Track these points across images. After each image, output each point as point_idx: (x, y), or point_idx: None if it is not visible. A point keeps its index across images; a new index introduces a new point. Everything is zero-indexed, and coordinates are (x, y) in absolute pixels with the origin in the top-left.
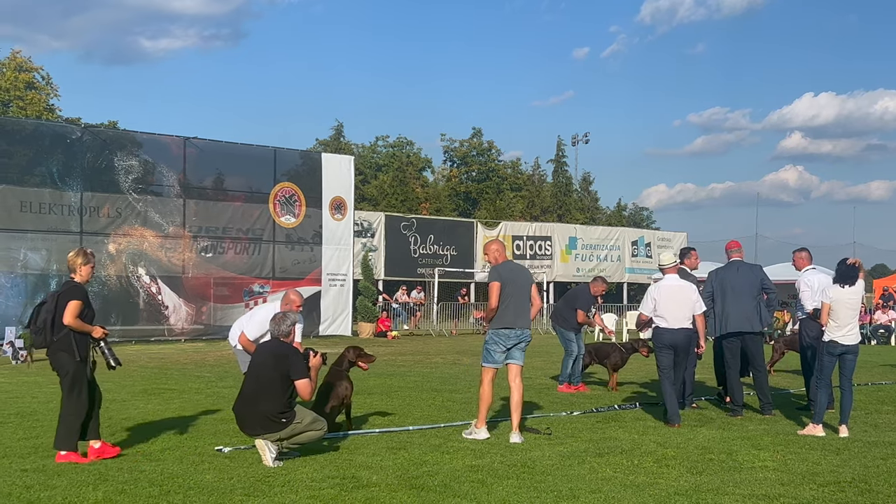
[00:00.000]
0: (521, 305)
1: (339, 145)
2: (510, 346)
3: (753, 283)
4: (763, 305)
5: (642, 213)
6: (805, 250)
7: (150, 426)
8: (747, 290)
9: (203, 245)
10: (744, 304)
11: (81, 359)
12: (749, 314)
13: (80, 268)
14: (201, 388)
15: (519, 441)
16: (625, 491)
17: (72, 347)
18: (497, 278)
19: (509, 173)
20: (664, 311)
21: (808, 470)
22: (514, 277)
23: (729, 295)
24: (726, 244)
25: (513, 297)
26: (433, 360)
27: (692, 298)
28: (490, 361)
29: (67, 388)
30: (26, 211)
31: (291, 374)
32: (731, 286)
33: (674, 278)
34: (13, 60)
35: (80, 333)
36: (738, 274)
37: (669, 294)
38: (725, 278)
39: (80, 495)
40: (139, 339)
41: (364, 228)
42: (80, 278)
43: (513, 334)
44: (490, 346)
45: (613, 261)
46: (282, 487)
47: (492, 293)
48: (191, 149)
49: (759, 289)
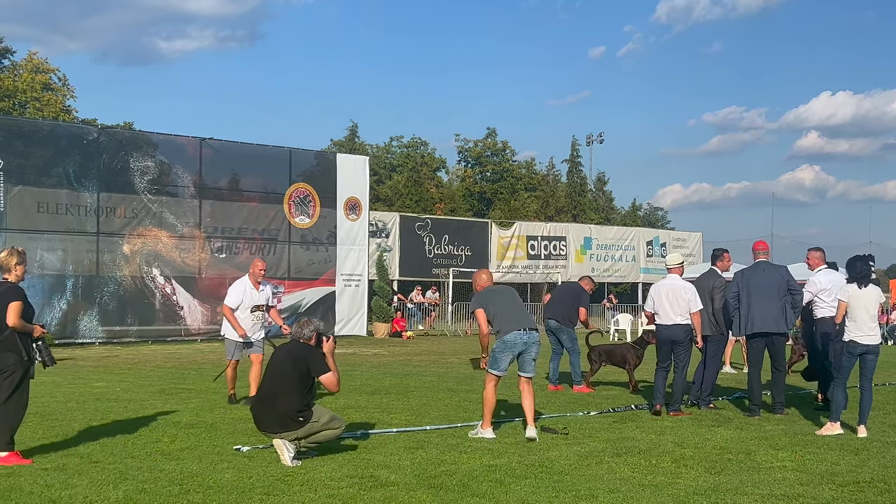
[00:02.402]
0: (515, 310)
1: (353, 146)
2: (518, 353)
3: (779, 283)
4: (789, 306)
5: (657, 214)
6: (819, 250)
7: (169, 425)
8: (773, 290)
9: (217, 246)
10: (769, 304)
11: (28, 358)
12: (775, 315)
13: (15, 268)
14: (218, 388)
15: (534, 435)
16: (643, 491)
17: (17, 347)
18: (477, 305)
19: (524, 173)
20: (660, 308)
21: (827, 470)
22: (492, 296)
23: (754, 295)
24: (753, 244)
25: (501, 307)
26: (448, 360)
27: (686, 298)
28: (496, 368)
29: (9, 388)
30: (43, 212)
31: (313, 372)
32: (756, 287)
33: (674, 278)
34: (30, 62)
35: (23, 333)
36: (764, 275)
37: (665, 293)
38: (751, 279)
39: (100, 494)
40: (156, 339)
41: (379, 229)
42: (15, 278)
43: (519, 339)
44: (498, 354)
45: (628, 261)
46: (300, 486)
47: (479, 320)
48: (206, 149)
49: (785, 290)
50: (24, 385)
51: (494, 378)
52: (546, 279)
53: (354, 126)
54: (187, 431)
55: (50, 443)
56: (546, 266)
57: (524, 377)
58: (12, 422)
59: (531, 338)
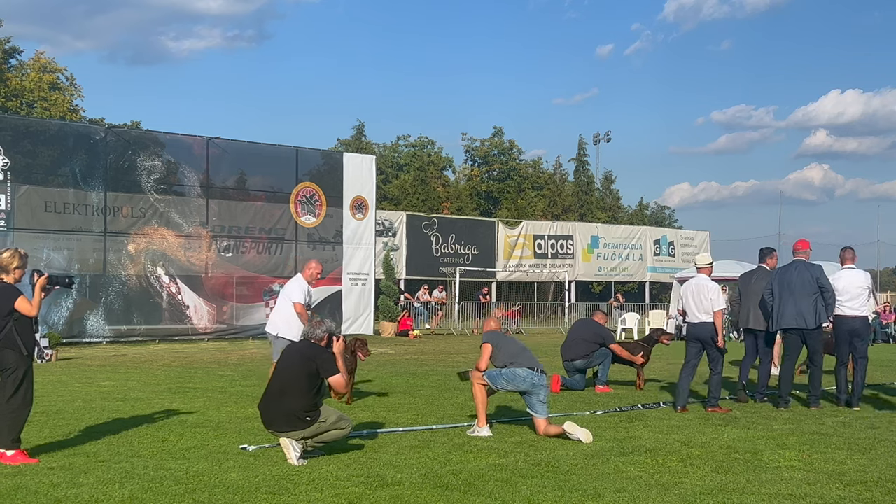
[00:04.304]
0: (526, 352)
1: (360, 145)
2: (522, 391)
3: (809, 281)
4: (821, 303)
5: (664, 212)
6: (849, 249)
7: (175, 424)
8: (802, 288)
9: (223, 245)
10: (798, 301)
11: (28, 353)
12: (804, 311)
13: (14, 271)
14: (225, 387)
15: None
16: (650, 490)
17: (17, 343)
18: (487, 340)
19: (531, 172)
20: (686, 307)
21: (835, 469)
22: (504, 337)
23: (785, 293)
24: (794, 243)
25: (512, 349)
26: (455, 360)
27: (710, 297)
28: (490, 380)
29: (13, 385)
30: (51, 211)
31: (322, 374)
32: (787, 284)
33: (702, 278)
34: (37, 61)
35: (22, 329)
36: (796, 273)
37: (692, 292)
38: (784, 277)
39: (106, 493)
40: (163, 338)
41: (385, 228)
42: (12, 280)
43: (529, 377)
44: (503, 377)
45: (636, 260)
46: (306, 486)
47: (482, 354)
48: (213, 149)
49: (816, 287)
50: (28, 382)
51: (484, 383)
52: (553, 278)
53: (361, 125)
54: (193, 430)
55: (56, 441)
56: (553, 265)
57: (537, 419)
58: (18, 420)
59: (540, 380)
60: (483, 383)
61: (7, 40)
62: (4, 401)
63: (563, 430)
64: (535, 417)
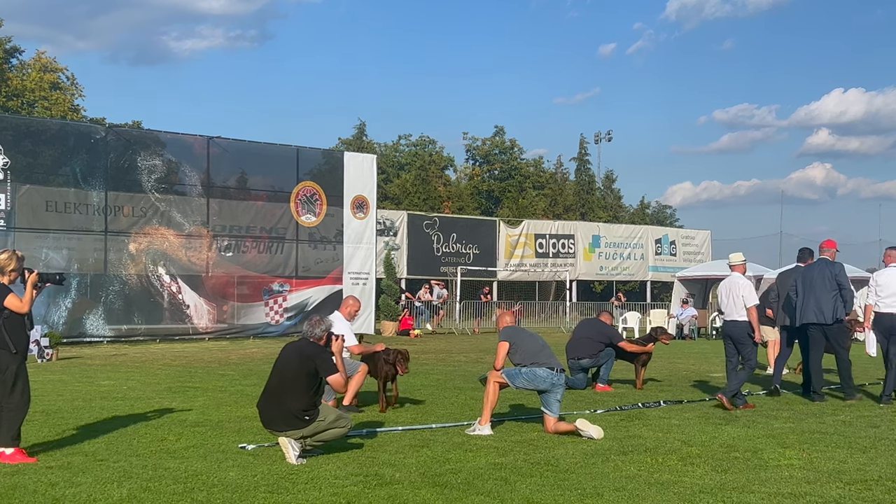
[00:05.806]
0: (545, 350)
1: (361, 144)
2: (542, 389)
3: (828, 278)
4: (839, 299)
5: (665, 212)
6: (894, 249)
7: (174, 424)
8: (822, 285)
9: (224, 244)
10: (816, 297)
11: (18, 351)
12: (821, 307)
13: (10, 273)
14: (225, 387)
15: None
16: (649, 489)
17: (7, 343)
18: (504, 338)
19: (532, 171)
20: (722, 305)
21: (835, 468)
22: (521, 333)
23: (806, 289)
24: (821, 242)
25: (530, 347)
26: (456, 359)
27: (741, 294)
28: (509, 379)
29: (9, 384)
30: (51, 211)
31: (321, 373)
32: (808, 281)
33: (736, 276)
34: (38, 61)
35: (12, 327)
36: (818, 270)
37: (726, 291)
38: (806, 274)
39: (104, 492)
40: (163, 337)
41: (386, 227)
42: (7, 282)
43: (549, 377)
44: (521, 377)
45: (637, 259)
46: (305, 485)
47: (498, 353)
48: (214, 148)
49: (834, 284)
50: (24, 380)
51: (502, 381)
52: (554, 277)
53: (362, 124)
54: (193, 430)
55: (55, 441)
56: (554, 264)
57: (548, 416)
58: (16, 418)
59: (559, 379)
60: (500, 381)
61: (8, 40)
62: (2, 399)
63: (574, 428)
64: (547, 415)
